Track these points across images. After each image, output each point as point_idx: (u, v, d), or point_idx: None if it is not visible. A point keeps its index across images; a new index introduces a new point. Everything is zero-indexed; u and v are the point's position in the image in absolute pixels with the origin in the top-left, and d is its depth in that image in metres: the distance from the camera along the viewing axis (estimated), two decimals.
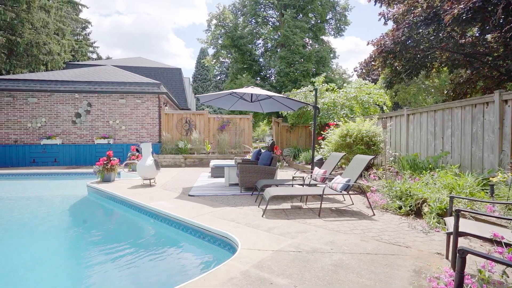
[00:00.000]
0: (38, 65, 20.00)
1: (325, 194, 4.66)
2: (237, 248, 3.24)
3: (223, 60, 28.81)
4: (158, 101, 12.74)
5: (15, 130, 12.11)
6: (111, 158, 7.48)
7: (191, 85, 30.11)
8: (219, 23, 24.30)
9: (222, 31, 24.27)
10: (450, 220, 2.83)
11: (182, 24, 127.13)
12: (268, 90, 17.86)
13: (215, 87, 38.37)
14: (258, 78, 24.79)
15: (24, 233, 4.85)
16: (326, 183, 5.87)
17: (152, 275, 3.26)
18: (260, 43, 27.13)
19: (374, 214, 4.56)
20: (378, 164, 8.57)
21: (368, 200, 4.75)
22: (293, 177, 5.89)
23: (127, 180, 7.92)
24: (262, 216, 4.42)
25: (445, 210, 3.93)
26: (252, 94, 7.58)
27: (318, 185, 6.03)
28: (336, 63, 26.60)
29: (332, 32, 25.69)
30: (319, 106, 11.39)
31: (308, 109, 12.81)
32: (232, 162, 9.15)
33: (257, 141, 41.18)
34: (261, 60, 25.53)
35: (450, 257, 2.77)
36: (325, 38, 25.32)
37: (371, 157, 4.87)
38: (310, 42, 24.94)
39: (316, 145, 9.01)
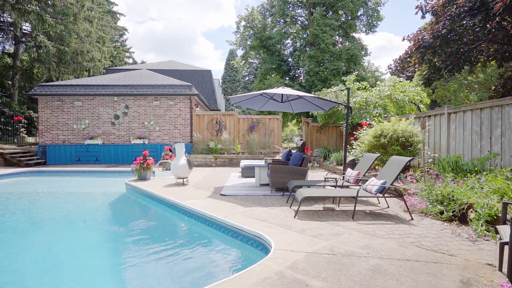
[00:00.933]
0: (82, 71, 21.63)
1: (359, 196, 4.51)
2: (270, 249, 3.25)
3: (252, 61, 29.04)
4: (190, 103, 13.17)
5: (63, 131, 13.19)
6: (147, 158, 7.87)
7: (220, 87, 30.74)
8: (248, 25, 24.55)
9: (251, 32, 24.48)
10: (504, 229, 2.60)
11: (211, 27, 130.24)
12: (297, 90, 17.67)
13: (243, 88, 38.79)
14: (287, 78, 24.65)
15: (70, 226, 5.27)
16: (359, 185, 5.68)
17: (188, 271, 3.37)
18: (288, 43, 26.97)
19: (412, 219, 4.32)
20: (415, 166, 8.11)
21: (405, 204, 4.51)
22: (325, 178, 5.78)
23: (161, 179, 8.27)
24: (294, 217, 4.39)
25: (495, 217, 3.62)
26: (282, 94, 7.54)
27: (350, 186, 5.86)
28: (367, 60, 25.64)
29: (364, 29, 24.83)
30: (351, 106, 11.06)
31: (339, 108, 12.49)
32: (262, 162, 9.19)
33: (285, 141, 40.94)
34: (289, 60, 25.37)
35: (504, 269, 2.54)
36: (356, 35, 24.53)
37: (409, 158, 4.63)
38: (340, 40, 24.30)
39: (348, 146, 8.75)
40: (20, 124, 15.72)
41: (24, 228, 5.12)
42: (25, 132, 16.15)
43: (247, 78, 40.32)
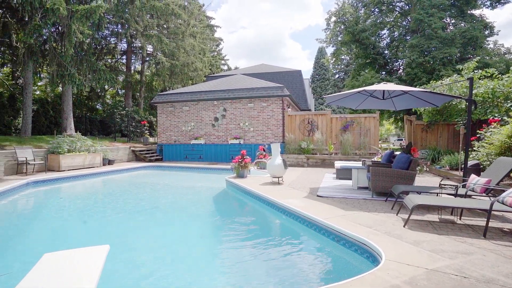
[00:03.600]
0: (187, 81, 24.95)
1: (494, 210, 3.69)
2: (379, 258, 3.00)
3: (343, 57, 27.69)
4: (282, 104, 13.49)
5: (175, 132, 15.52)
6: (244, 157, 8.45)
7: (310, 86, 30.45)
8: (339, 20, 23.48)
9: (342, 27, 23.34)
10: None
11: (297, 28, 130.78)
12: (396, 85, 15.86)
13: (333, 86, 37.29)
14: (383, 73, 22.45)
15: (180, 214, 6.12)
16: (490, 196, 4.67)
17: (287, 270, 3.40)
18: (384, 34, 24.57)
19: None
20: None
21: None
22: (441, 184, 4.97)
23: (257, 177, 8.73)
24: (404, 226, 3.93)
25: None
26: (384, 90, 6.89)
27: (474, 196, 4.89)
28: (493, 41, 20.75)
29: (488, 2, 20.24)
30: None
31: (454, 103, 10.57)
32: (358, 164, 8.63)
33: (379, 142, 37.36)
34: (386, 52, 23.04)
35: None
36: (476, 11, 20.25)
37: None
38: (453, 21, 20.52)
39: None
40: (145, 127, 19.30)
41: (150, 211, 6.24)
42: (148, 133, 19.72)
43: (337, 76, 38.67)
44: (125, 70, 23.16)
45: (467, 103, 6.62)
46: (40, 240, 4.59)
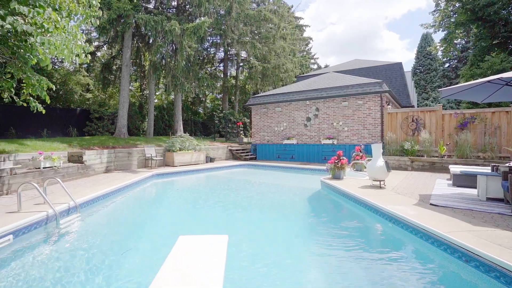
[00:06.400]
0: (278, 82, 25.63)
1: None
2: None
3: (456, 42, 23.32)
4: (380, 101, 12.33)
5: (268, 133, 16.17)
6: (341, 158, 8.08)
7: (412, 79, 26.85)
8: None
9: (457, 5, 19.65)
10: None
11: (394, 17, 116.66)
12: None
13: (442, 77, 31.80)
14: None
15: (279, 212, 6.27)
16: None
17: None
18: None
19: None
20: None
21: None
22: None
23: (354, 179, 8.22)
24: None
25: None
26: None
27: None
28: None
29: None
30: None
31: None
32: (483, 169, 7.11)
33: None
34: None
35: None
36: None
37: None
38: None
39: None
40: (240, 128, 20.83)
41: (249, 207, 6.65)
42: (243, 133, 21.23)
43: (447, 65, 32.91)
44: (222, 76, 25.54)
45: None
46: (166, 222, 5.51)
